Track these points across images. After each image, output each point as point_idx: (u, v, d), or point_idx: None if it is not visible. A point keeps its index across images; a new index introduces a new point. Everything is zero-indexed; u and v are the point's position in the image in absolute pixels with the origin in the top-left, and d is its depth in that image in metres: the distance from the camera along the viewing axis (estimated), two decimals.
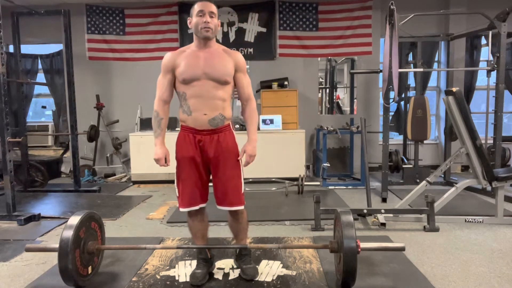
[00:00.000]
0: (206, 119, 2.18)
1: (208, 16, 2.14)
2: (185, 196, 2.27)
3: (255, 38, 6.04)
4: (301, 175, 4.78)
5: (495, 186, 3.41)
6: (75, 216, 2.26)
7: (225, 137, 2.24)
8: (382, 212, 3.39)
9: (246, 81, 2.29)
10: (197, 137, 2.22)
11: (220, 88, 2.18)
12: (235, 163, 2.27)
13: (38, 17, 5.36)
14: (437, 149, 6.30)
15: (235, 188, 2.26)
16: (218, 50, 2.22)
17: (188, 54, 2.21)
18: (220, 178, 2.25)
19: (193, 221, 2.37)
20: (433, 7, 5.67)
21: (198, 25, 2.14)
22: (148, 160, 5.37)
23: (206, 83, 2.16)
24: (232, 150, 2.25)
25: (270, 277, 2.40)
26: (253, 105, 2.32)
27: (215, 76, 2.16)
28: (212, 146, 2.22)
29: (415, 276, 2.41)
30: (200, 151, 2.23)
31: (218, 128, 2.22)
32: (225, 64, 2.19)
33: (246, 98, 2.30)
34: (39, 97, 6.78)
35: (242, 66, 2.27)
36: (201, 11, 2.14)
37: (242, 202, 2.29)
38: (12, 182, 3.66)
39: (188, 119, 2.22)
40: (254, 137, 2.29)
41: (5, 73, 3.60)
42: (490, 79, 4.58)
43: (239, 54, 2.28)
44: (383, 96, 4.32)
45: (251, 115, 2.31)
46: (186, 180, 2.26)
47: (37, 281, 2.41)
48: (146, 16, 6.04)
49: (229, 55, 2.23)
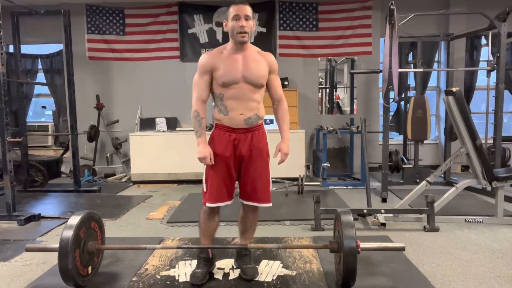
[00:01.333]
0: (242, 118, 2.23)
1: (244, 20, 2.15)
2: (213, 192, 2.28)
3: (255, 38, 6.04)
4: (301, 175, 4.78)
5: (495, 186, 3.41)
6: (75, 216, 2.26)
7: (258, 135, 2.31)
8: (382, 212, 3.39)
9: (277, 82, 2.37)
10: (232, 136, 2.26)
11: (256, 91, 2.25)
12: (266, 162, 2.34)
13: (38, 17, 5.36)
14: (437, 149, 6.30)
15: (266, 186, 2.34)
16: (253, 52, 2.27)
17: (226, 57, 2.23)
18: (251, 175, 2.30)
19: (208, 219, 2.37)
20: (433, 7, 5.67)
21: (234, 29, 2.17)
22: (148, 160, 5.44)
23: (244, 86, 2.21)
24: (264, 148, 2.33)
25: (270, 277, 2.40)
26: (285, 106, 2.40)
27: (253, 80, 2.22)
28: (246, 144, 2.27)
29: (415, 276, 2.41)
30: (234, 149, 2.27)
31: (253, 126, 2.28)
32: (261, 68, 2.25)
33: (278, 98, 2.38)
34: (39, 97, 6.78)
35: (275, 68, 2.34)
36: (237, 15, 2.16)
37: (270, 200, 2.35)
38: (12, 182, 3.66)
39: (224, 118, 2.26)
40: (288, 136, 2.38)
41: (5, 73, 3.60)
42: (490, 79, 4.58)
43: (272, 56, 2.34)
44: (383, 96, 4.32)
45: (283, 115, 2.39)
46: (216, 176, 2.28)
47: (37, 281, 2.41)
48: (146, 16, 6.04)
49: (264, 58, 2.29)
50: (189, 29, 6.02)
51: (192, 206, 4.08)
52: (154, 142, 5.51)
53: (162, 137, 5.55)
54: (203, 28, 6.04)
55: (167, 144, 5.45)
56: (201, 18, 6.02)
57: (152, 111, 6.07)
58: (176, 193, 4.82)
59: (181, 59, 6.09)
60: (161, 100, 6.11)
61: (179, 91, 5.95)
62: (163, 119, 5.79)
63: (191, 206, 4.14)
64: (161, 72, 6.14)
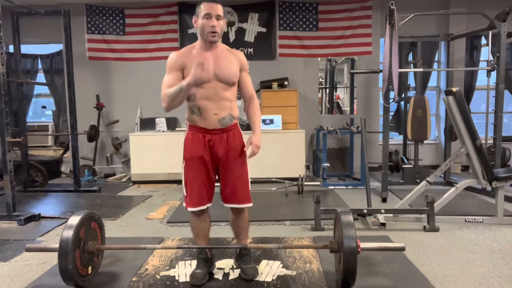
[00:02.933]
0: (216, 119, 2.21)
1: (215, 19, 2.12)
2: (194, 196, 2.28)
3: (255, 38, 6.04)
4: (301, 175, 4.78)
5: (495, 186, 3.41)
6: (75, 216, 2.26)
7: (234, 136, 2.28)
8: (382, 212, 3.39)
9: (248, 80, 2.36)
10: (207, 137, 2.25)
11: (228, 89, 2.23)
12: (243, 162, 2.31)
13: (38, 17, 5.36)
14: (437, 149, 6.30)
15: (244, 186, 2.31)
16: (223, 50, 2.25)
17: (196, 55, 2.18)
18: (229, 176, 2.28)
19: (197, 221, 2.37)
20: (433, 7, 5.67)
21: (204, 28, 2.13)
22: (148, 160, 5.44)
23: (216, 85, 2.19)
24: (240, 149, 2.30)
25: (270, 277, 2.40)
26: (256, 103, 2.39)
27: (224, 78, 2.19)
28: (222, 145, 2.25)
29: (415, 276, 2.41)
30: (210, 151, 2.26)
31: (227, 127, 2.26)
32: (232, 66, 2.23)
33: (249, 96, 2.36)
34: (39, 97, 6.77)
35: (246, 66, 2.33)
36: (208, 14, 2.11)
37: (250, 200, 2.34)
38: (12, 182, 3.66)
39: (198, 119, 2.24)
40: (259, 130, 2.33)
41: (5, 73, 3.60)
42: (490, 79, 4.58)
43: (242, 54, 2.33)
44: (383, 96, 4.32)
45: (254, 111, 2.36)
46: (195, 180, 2.27)
47: (37, 281, 2.41)
48: (146, 16, 6.03)
49: (234, 56, 2.27)
50: (189, 29, 6.02)
51: None
52: (154, 142, 5.51)
53: (162, 137, 5.54)
54: None
55: (167, 144, 5.45)
56: None
57: (152, 111, 6.07)
58: (176, 193, 4.81)
59: None
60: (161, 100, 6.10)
61: None
62: (163, 119, 5.78)
63: None
64: (161, 72, 5.99)
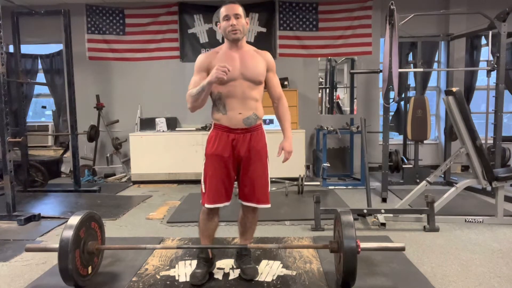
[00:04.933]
0: (240, 118, 2.22)
1: (234, 19, 2.18)
2: (211, 193, 2.28)
3: (255, 38, 6.04)
4: (301, 175, 4.78)
5: (495, 186, 3.41)
6: (75, 216, 2.26)
7: (257, 136, 2.30)
8: (382, 212, 3.39)
9: (276, 80, 2.38)
10: (230, 136, 2.26)
11: (254, 88, 2.25)
12: (265, 163, 2.33)
13: (38, 17, 5.36)
14: (437, 149, 6.30)
15: (264, 187, 2.33)
16: (250, 51, 2.29)
17: (222, 55, 2.25)
18: (250, 176, 2.29)
19: (207, 220, 2.37)
20: (433, 7, 5.67)
21: (225, 29, 2.20)
22: (148, 160, 5.44)
23: (242, 83, 2.21)
24: (263, 149, 2.32)
25: (270, 277, 2.40)
26: (285, 104, 2.40)
27: (250, 77, 2.22)
28: (245, 144, 2.26)
29: (415, 276, 2.41)
30: (232, 149, 2.26)
31: (252, 127, 2.27)
32: (258, 65, 2.26)
33: (278, 96, 2.39)
34: (39, 97, 6.78)
35: (273, 66, 2.35)
36: (227, 15, 2.19)
37: (269, 201, 2.35)
38: (12, 182, 3.66)
39: (223, 118, 2.25)
40: (289, 134, 2.36)
41: (5, 73, 3.60)
42: (490, 79, 4.58)
43: (269, 54, 2.36)
44: (383, 96, 4.32)
45: (284, 113, 2.38)
46: (215, 177, 2.27)
47: (37, 281, 2.41)
48: (146, 16, 6.03)
49: (261, 56, 2.30)
50: (189, 29, 6.02)
51: (192, 206, 4.08)
52: (154, 142, 5.51)
53: (162, 137, 5.55)
54: (203, 28, 6.04)
55: (167, 144, 5.45)
56: (201, 18, 6.02)
57: (152, 111, 6.07)
58: (176, 193, 4.82)
59: (181, 59, 6.09)
60: (161, 100, 6.11)
61: (179, 91, 5.94)
62: (163, 119, 5.79)
63: (191, 206, 4.14)
64: (161, 72, 6.14)
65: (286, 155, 2.33)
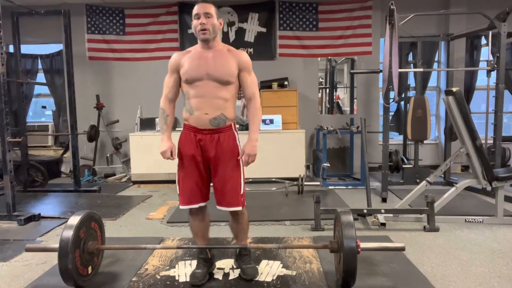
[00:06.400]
0: (207, 118, 2.19)
1: (204, 18, 2.15)
2: (185, 194, 2.28)
3: (255, 38, 6.04)
4: (301, 175, 4.78)
5: (495, 186, 3.41)
6: (75, 216, 2.26)
7: (225, 137, 2.24)
8: (382, 212, 3.39)
9: (250, 80, 2.28)
10: (197, 136, 2.24)
11: (222, 89, 2.19)
12: (235, 164, 2.26)
13: (38, 17, 5.36)
14: (437, 149, 6.30)
15: (234, 189, 2.26)
16: (222, 50, 2.24)
17: (192, 54, 2.23)
18: (219, 179, 2.26)
19: (194, 220, 2.38)
20: (433, 7, 5.67)
21: (195, 28, 2.18)
22: (148, 160, 5.43)
23: (209, 83, 2.18)
24: (232, 151, 2.25)
25: (270, 277, 2.40)
26: (255, 104, 2.27)
27: (217, 77, 2.17)
28: (213, 146, 2.22)
29: (415, 276, 2.41)
30: (201, 150, 2.24)
31: (219, 128, 2.23)
32: (227, 64, 2.20)
33: (249, 96, 2.29)
34: (39, 97, 6.78)
35: (246, 65, 2.26)
36: (197, 14, 2.17)
37: (241, 203, 2.28)
38: (12, 182, 3.66)
39: (190, 118, 2.24)
40: (254, 136, 2.24)
41: (5, 73, 3.60)
42: (490, 79, 4.58)
43: (243, 53, 2.28)
44: (383, 96, 4.32)
45: (252, 113, 2.27)
46: (187, 178, 2.27)
47: (37, 281, 2.41)
48: (146, 16, 6.04)
49: (233, 55, 2.23)
50: (189, 29, 6.01)
51: None
52: (154, 142, 5.47)
53: None
54: None
55: None
56: None
57: (152, 111, 6.05)
58: (176, 193, 4.78)
59: None
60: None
61: None
62: None
63: None
64: (161, 72, 6.03)
65: (245, 158, 2.21)
